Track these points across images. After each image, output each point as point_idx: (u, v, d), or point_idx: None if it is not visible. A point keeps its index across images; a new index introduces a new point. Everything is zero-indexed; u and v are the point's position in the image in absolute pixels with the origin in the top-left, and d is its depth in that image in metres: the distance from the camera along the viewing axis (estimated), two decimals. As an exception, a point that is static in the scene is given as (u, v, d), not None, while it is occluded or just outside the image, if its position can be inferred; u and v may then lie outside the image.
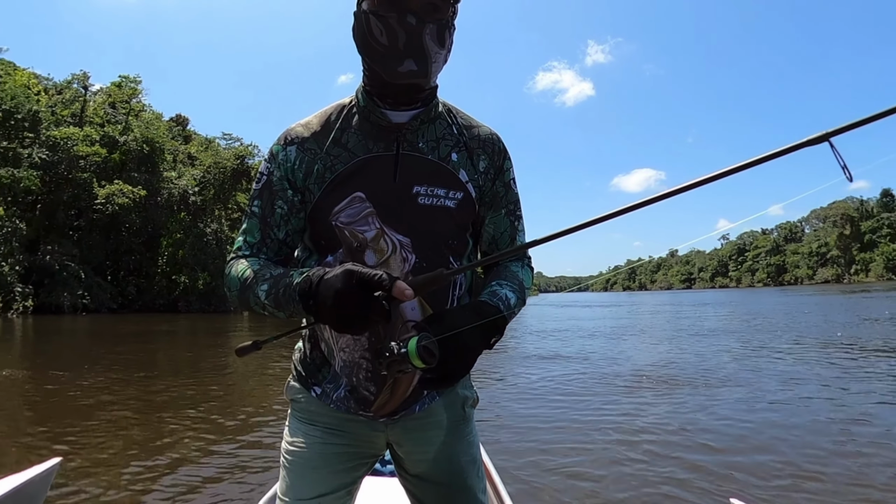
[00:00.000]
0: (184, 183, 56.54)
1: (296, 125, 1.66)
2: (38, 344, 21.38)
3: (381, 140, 1.59)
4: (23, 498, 2.84)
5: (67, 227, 50.80)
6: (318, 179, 1.57)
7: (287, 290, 1.38)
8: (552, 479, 5.53)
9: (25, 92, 49.64)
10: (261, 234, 1.62)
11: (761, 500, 4.83)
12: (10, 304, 41.73)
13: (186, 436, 7.30)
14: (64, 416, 8.41)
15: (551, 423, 7.58)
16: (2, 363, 15.56)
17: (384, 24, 1.46)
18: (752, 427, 7.30)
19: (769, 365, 12.63)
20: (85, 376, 12.53)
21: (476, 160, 1.67)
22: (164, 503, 5.03)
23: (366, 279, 1.24)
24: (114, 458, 6.37)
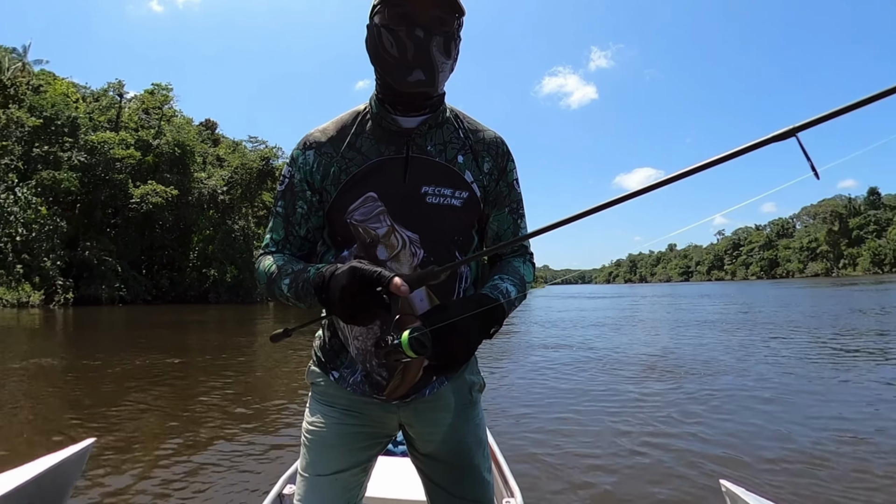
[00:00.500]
0: (213, 183, 56.71)
1: (314, 131, 1.70)
2: (77, 333, 21.50)
3: (392, 144, 1.62)
4: (59, 476, 2.86)
5: (105, 225, 51.03)
6: (334, 181, 1.62)
7: (305, 284, 1.47)
8: (553, 459, 5.53)
9: (65, 100, 49.94)
10: (284, 231, 1.69)
11: (753, 483, 4.77)
12: (53, 296, 41.96)
13: (215, 417, 7.35)
14: (99, 399, 8.47)
15: (554, 408, 7.56)
16: (43, 351, 15.68)
17: (394, 37, 1.51)
18: (747, 413, 7.27)
19: (763, 352, 12.57)
20: (120, 362, 12.59)
21: (481, 162, 1.69)
22: (193, 480, 5.05)
23: (367, 276, 1.31)
24: (145, 438, 6.40)
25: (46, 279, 42.11)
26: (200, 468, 5.39)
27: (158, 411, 7.75)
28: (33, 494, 2.66)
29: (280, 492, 2.94)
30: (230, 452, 5.86)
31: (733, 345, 14.26)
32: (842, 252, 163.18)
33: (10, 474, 2.69)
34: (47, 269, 42.30)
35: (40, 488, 2.71)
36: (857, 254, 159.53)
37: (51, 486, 2.79)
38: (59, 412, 7.84)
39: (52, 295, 42.08)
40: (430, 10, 1.51)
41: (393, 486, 2.92)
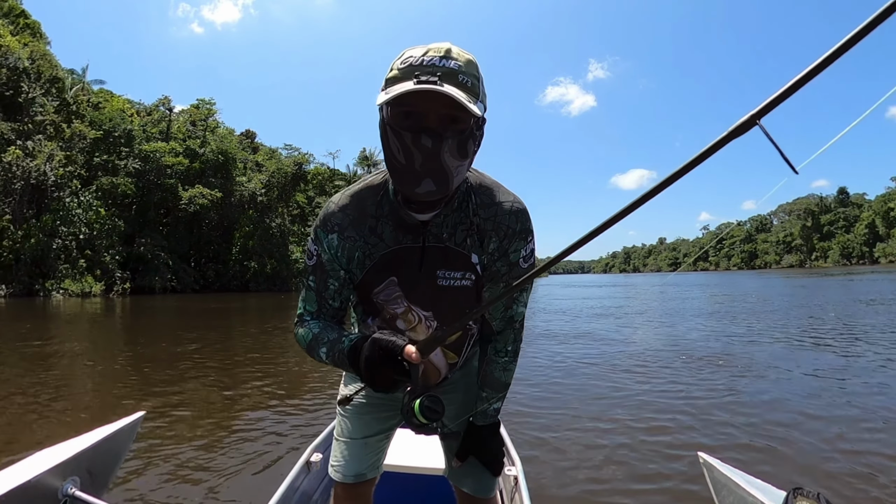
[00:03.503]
0: (252, 186, 56.83)
1: (335, 209, 1.57)
2: (133, 318, 21.64)
3: (409, 233, 1.54)
4: (112, 445, 2.88)
5: (158, 224, 51.26)
6: (359, 264, 1.58)
7: (340, 355, 1.46)
8: (550, 434, 5.53)
9: (121, 114, 50.24)
10: (318, 304, 1.64)
11: (729, 458, 4.75)
12: (112, 286, 42.24)
13: (251, 393, 7.38)
14: (149, 376, 8.54)
15: (557, 393, 7.54)
16: (103, 333, 15.82)
17: (400, 143, 1.30)
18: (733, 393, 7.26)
19: (747, 336, 12.50)
20: (170, 344, 12.69)
21: (487, 242, 1.56)
22: (230, 448, 5.09)
23: (384, 346, 1.30)
24: (189, 412, 6.46)
25: (106, 272, 42.40)
26: (237, 438, 5.44)
27: (202, 387, 7.80)
28: (90, 460, 2.68)
29: (308, 459, 2.95)
30: (264, 425, 5.89)
31: (721, 331, 14.22)
32: (814, 245, 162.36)
33: (70, 443, 2.72)
34: (107, 263, 42.58)
35: (96, 455, 2.74)
36: (828, 247, 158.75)
37: (105, 454, 2.82)
38: (113, 387, 7.92)
39: (112, 286, 42.34)
40: (439, 109, 1.28)
41: (408, 455, 2.93)
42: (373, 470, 1.96)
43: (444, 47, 1.28)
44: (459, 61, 1.27)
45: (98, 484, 2.74)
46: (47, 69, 45.47)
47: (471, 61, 1.31)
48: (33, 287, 36.97)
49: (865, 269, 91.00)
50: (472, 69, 1.30)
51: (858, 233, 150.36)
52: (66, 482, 2.51)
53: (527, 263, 1.60)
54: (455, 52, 1.28)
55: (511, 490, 2.82)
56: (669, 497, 3.90)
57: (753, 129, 0.85)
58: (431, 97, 1.23)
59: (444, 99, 1.23)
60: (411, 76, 1.24)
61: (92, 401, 6.97)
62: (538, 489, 3.97)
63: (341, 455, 1.95)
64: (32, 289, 36.90)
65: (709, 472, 2.72)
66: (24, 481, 2.31)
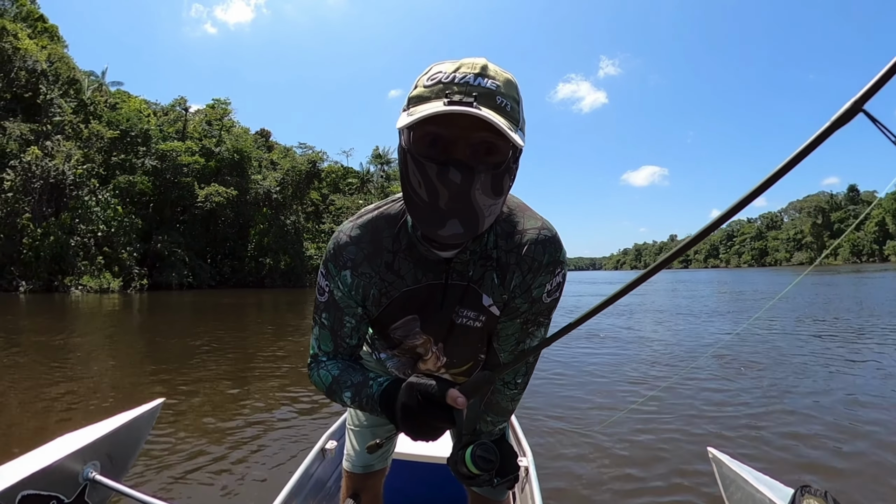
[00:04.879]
0: (267, 184, 56.96)
1: (347, 240, 1.37)
2: (151, 313, 21.74)
3: (430, 270, 1.36)
4: (133, 431, 2.91)
5: (174, 221, 51.50)
6: (374, 302, 1.41)
7: (369, 401, 1.31)
8: (561, 425, 5.53)
9: (138, 115, 50.46)
10: (333, 344, 1.46)
11: (738, 454, 4.71)
12: (130, 282, 42.46)
13: (266, 384, 7.43)
14: (168, 367, 8.60)
15: (569, 386, 7.54)
16: (121, 327, 15.91)
17: (423, 176, 1.08)
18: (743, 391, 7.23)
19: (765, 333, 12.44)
20: (187, 337, 12.79)
21: (509, 279, 1.35)
22: (246, 436, 5.12)
23: (423, 390, 1.15)
24: (207, 400, 6.52)
25: (124, 268, 42.62)
26: (253, 426, 5.48)
27: (219, 377, 7.86)
28: (111, 445, 2.72)
29: (322, 447, 2.97)
30: (279, 414, 5.94)
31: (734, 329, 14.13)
32: (825, 243, 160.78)
33: (91, 428, 2.75)
34: (125, 260, 42.80)
35: (117, 440, 2.77)
36: (838, 245, 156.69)
37: (125, 439, 2.85)
38: (133, 377, 8.00)
39: (130, 282, 42.55)
40: (473, 136, 1.06)
41: (418, 444, 2.94)
42: (381, 461, 1.97)
43: (479, 63, 1.08)
44: (497, 80, 1.07)
45: (118, 468, 2.77)
46: (65, 71, 45.87)
47: (510, 81, 1.10)
48: (52, 283, 37.22)
49: (876, 267, 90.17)
50: (512, 91, 1.10)
51: (868, 230, 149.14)
52: (86, 466, 2.54)
53: (550, 298, 1.38)
54: (492, 70, 1.08)
55: (522, 481, 2.83)
56: (678, 491, 3.89)
57: (858, 116, 0.77)
58: (463, 122, 1.04)
59: (480, 125, 1.03)
60: (441, 95, 1.04)
61: (110, 391, 7.02)
62: (548, 480, 3.98)
63: (351, 445, 1.97)
64: (52, 285, 37.16)
65: (718, 468, 2.72)
66: (47, 465, 2.34)
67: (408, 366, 1.67)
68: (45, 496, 2.32)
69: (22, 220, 36.74)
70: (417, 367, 1.62)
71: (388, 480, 2.10)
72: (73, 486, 2.48)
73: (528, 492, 2.67)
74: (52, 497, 2.36)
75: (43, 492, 2.31)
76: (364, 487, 1.94)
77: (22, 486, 2.22)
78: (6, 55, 41.20)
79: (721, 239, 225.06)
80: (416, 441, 1.20)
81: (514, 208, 1.38)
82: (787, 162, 0.85)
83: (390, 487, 2.24)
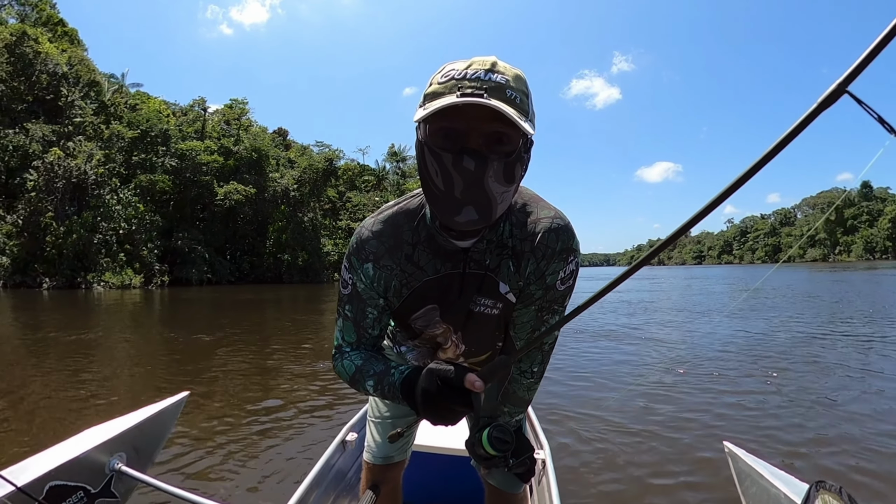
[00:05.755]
0: (285, 182, 57.31)
1: (369, 235, 1.43)
2: (172, 308, 21.90)
3: (448, 260, 1.40)
4: (158, 423, 2.93)
5: (194, 219, 51.91)
6: (395, 293, 1.46)
7: (391, 388, 1.35)
8: (577, 421, 5.51)
9: (157, 115, 51.11)
10: (356, 335, 1.50)
11: (752, 448, 4.68)
12: (151, 278, 42.91)
13: (287, 377, 7.46)
14: (191, 361, 8.67)
15: (586, 381, 7.51)
16: (144, 322, 16.05)
17: (439, 165, 1.15)
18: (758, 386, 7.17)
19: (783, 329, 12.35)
20: (208, 331, 12.85)
21: (524, 265, 1.40)
22: (269, 427, 5.14)
23: (442, 375, 1.18)
24: (230, 393, 6.54)
25: (145, 265, 43.06)
26: (274, 419, 5.50)
27: (241, 371, 7.90)
28: (136, 437, 2.74)
29: (343, 438, 2.98)
30: (300, 406, 5.95)
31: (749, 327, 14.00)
32: (838, 240, 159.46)
33: (117, 421, 2.77)
34: (146, 257, 43.23)
35: (143, 432, 2.79)
36: (852, 241, 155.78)
37: (151, 431, 2.87)
38: (158, 371, 8.05)
39: (151, 278, 43.01)
40: (485, 126, 1.13)
41: (437, 437, 2.94)
42: (401, 453, 1.98)
43: (489, 60, 1.14)
44: (507, 75, 1.13)
45: (143, 460, 2.79)
46: (85, 73, 46.46)
47: (519, 76, 1.16)
48: (75, 280, 37.66)
49: (890, 264, 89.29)
50: (521, 85, 1.16)
51: (882, 227, 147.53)
52: (113, 458, 2.56)
53: (564, 286, 1.42)
54: (501, 66, 1.14)
55: (539, 474, 2.82)
56: (694, 485, 3.86)
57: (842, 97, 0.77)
58: (475, 113, 1.10)
59: (490, 115, 1.09)
60: (454, 90, 1.10)
61: (134, 384, 7.08)
62: (565, 473, 3.97)
63: (372, 437, 1.98)
64: (74, 281, 37.59)
65: (733, 462, 2.70)
66: (74, 456, 2.36)
67: (427, 357, 1.69)
68: (72, 487, 2.34)
69: (45, 218, 37.17)
70: (437, 356, 1.65)
71: (408, 473, 2.11)
72: (100, 476, 2.50)
73: (545, 484, 2.66)
74: (79, 487, 2.38)
75: (70, 482, 2.33)
76: (384, 479, 1.95)
77: (49, 476, 2.24)
78: (27, 59, 41.88)
79: (735, 235, 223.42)
80: (435, 425, 1.25)
81: (528, 199, 1.42)
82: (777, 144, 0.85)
83: (409, 479, 2.25)
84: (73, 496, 2.35)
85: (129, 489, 2.72)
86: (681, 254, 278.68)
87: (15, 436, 4.91)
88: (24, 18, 47.12)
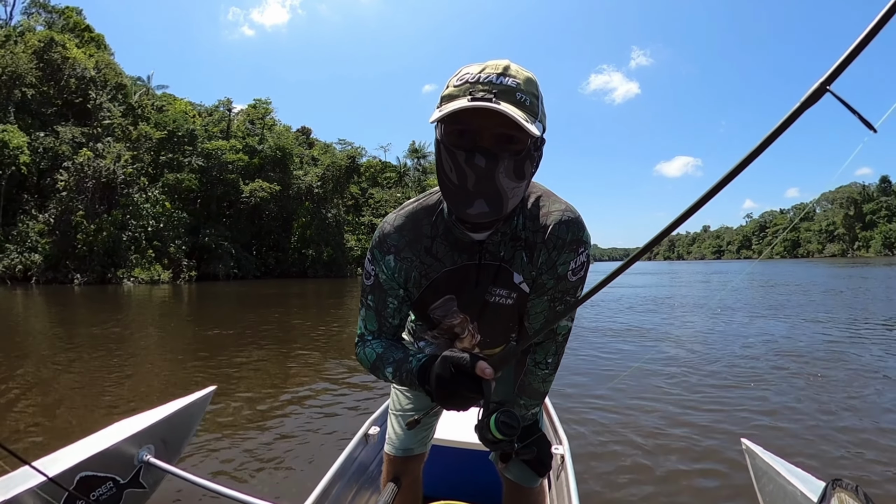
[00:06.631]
0: (308, 179, 57.54)
1: (391, 230, 1.49)
2: (199, 303, 22.08)
3: (464, 252, 1.46)
4: (186, 416, 2.97)
5: (221, 216, 52.29)
6: (415, 284, 1.51)
7: (408, 375, 1.40)
8: (601, 419, 5.49)
9: (184, 116, 51.62)
10: (378, 323, 1.56)
11: (772, 446, 4.59)
12: (179, 274, 43.31)
13: (311, 371, 7.50)
14: (218, 355, 8.73)
15: (606, 379, 7.49)
16: (172, 316, 16.20)
17: (453, 162, 1.21)
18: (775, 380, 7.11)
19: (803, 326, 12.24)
20: (235, 325, 12.97)
21: (537, 256, 1.44)
22: (293, 421, 5.20)
23: (455, 362, 1.23)
24: (255, 387, 6.61)
25: (173, 260, 43.49)
26: (298, 412, 5.55)
27: (266, 365, 7.98)
28: (165, 430, 2.77)
29: (366, 432, 3.00)
30: (324, 400, 6.00)
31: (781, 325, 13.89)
32: (856, 235, 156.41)
33: (146, 414, 2.81)
34: (174, 253, 43.66)
35: (171, 425, 2.82)
36: (870, 237, 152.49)
37: (178, 425, 2.90)
38: (185, 364, 8.14)
39: (179, 273, 43.41)
40: (496, 130, 1.18)
41: (457, 430, 2.95)
42: (421, 446, 1.99)
43: (502, 64, 1.20)
44: (518, 79, 1.19)
45: (171, 452, 2.83)
46: (113, 77, 47.12)
47: (530, 79, 1.22)
48: (106, 275, 38.12)
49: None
50: (532, 87, 1.21)
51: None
52: (141, 450, 2.60)
53: (575, 277, 1.45)
54: (514, 70, 1.20)
55: (557, 469, 2.82)
56: (712, 482, 3.83)
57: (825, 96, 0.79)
58: (487, 115, 1.15)
59: (500, 117, 1.14)
60: (466, 93, 1.16)
61: (163, 377, 7.16)
62: (583, 468, 3.95)
63: (393, 430, 2.00)
64: (105, 277, 38.06)
65: (751, 459, 2.67)
66: (104, 448, 2.40)
67: (445, 349, 1.69)
68: (101, 477, 2.38)
69: (76, 217, 37.68)
70: (454, 347, 1.66)
71: (427, 465, 2.11)
72: (129, 468, 2.53)
73: (563, 479, 2.65)
74: (109, 478, 2.42)
75: (100, 473, 2.37)
76: (404, 471, 1.96)
77: (80, 467, 2.27)
78: (56, 65, 42.58)
79: (754, 230, 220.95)
80: (448, 410, 1.30)
81: (540, 194, 1.47)
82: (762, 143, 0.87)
83: (429, 472, 2.25)
84: (102, 487, 2.39)
85: (157, 480, 2.75)
86: (700, 249, 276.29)
87: (46, 428, 4.99)
88: (51, 25, 47.80)
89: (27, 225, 37.50)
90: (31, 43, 41.70)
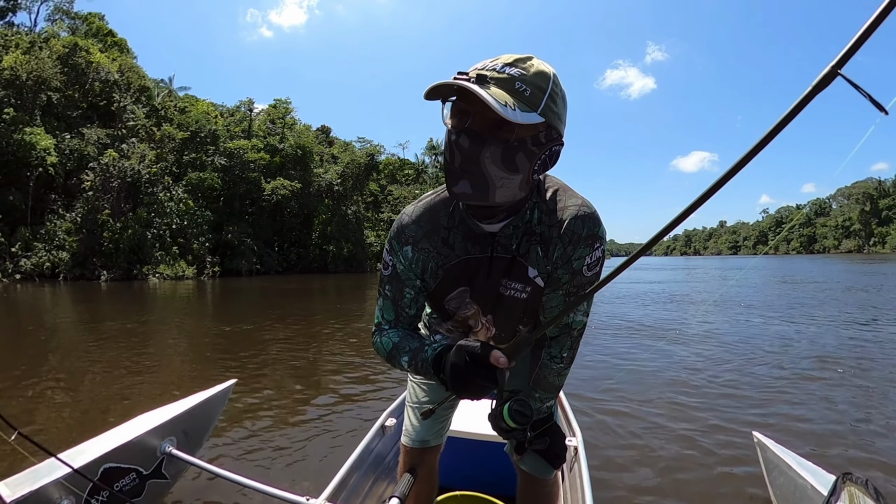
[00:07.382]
0: (329, 177, 57.74)
1: (409, 221, 1.51)
2: (223, 298, 22.24)
3: (477, 243, 1.46)
4: (207, 409, 3.00)
5: (243, 213, 52.60)
6: (432, 275, 1.52)
7: (424, 364, 1.39)
8: (614, 412, 5.47)
9: (206, 116, 52.01)
10: (394, 313, 1.57)
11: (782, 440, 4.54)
12: (203, 270, 43.72)
13: (331, 364, 7.53)
14: (239, 348, 8.79)
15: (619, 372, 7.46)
16: (196, 311, 16.34)
17: (447, 140, 1.25)
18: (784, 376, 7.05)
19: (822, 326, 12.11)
20: (257, 319, 13.07)
21: (552, 251, 1.42)
22: (312, 413, 5.22)
23: (470, 351, 1.22)
24: (276, 379, 6.65)
25: (197, 257, 43.86)
26: (317, 404, 5.57)
27: (286, 358, 8.01)
28: (186, 422, 2.80)
29: (383, 423, 3.02)
30: (342, 392, 6.03)
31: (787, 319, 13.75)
32: (872, 231, 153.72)
33: (169, 407, 2.84)
34: (198, 249, 44.03)
35: (192, 417, 2.85)
36: (886, 232, 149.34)
37: (200, 417, 2.93)
38: (207, 357, 8.23)
39: (202, 269, 43.80)
40: (485, 114, 1.17)
41: (473, 422, 2.95)
42: (437, 437, 2.00)
43: (518, 56, 1.19)
44: (527, 70, 1.17)
45: (193, 444, 2.86)
46: (136, 80, 47.68)
47: (542, 73, 1.19)
48: (132, 272, 38.51)
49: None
50: (539, 80, 1.18)
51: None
52: (164, 441, 2.63)
53: (591, 272, 1.44)
54: (529, 62, 1.18)
55: (571, 460, 2.82)
56: (723, 473, 3.80)
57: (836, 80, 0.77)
58: (474, 98, 1.14)
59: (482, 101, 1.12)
60: (463, 76, 1.16)
61: (185, 371, 7.24)
62: (596, 459, 3.94)
63: (409, 422, 2.01)
64: (131, 273, 38.45)
65: (762, 452, 2.66)
66: (127, 440, 2.43)
67: None
68: (125, 468, 2.41)
69: (102, 215, 38.10)
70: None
71: (443, 457, 2.12)
72: (152, 459, 2.57)
73: (576, 471, 2.65)
74: (132, 469, 2.45)
75: (123, 465, 2.40)
76: (421, 462, 1.97)
77: (104, 459, 2.30)
78: (80, 69, 43.14)
79: (770, 225, 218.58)
80: (462, 399, 1.30)
81: (557, 188, 1.46)
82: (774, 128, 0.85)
83: (445, 463, 2.26)
84: (126, 477, 2.42)
85: (179, 471, 2.79)
86: (716, 244, 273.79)
87: (72, 420, 5.06)
88: (74, 31, 48.37)
89: (55, 224, 37.93)
90: (56, 48, 42.17)
